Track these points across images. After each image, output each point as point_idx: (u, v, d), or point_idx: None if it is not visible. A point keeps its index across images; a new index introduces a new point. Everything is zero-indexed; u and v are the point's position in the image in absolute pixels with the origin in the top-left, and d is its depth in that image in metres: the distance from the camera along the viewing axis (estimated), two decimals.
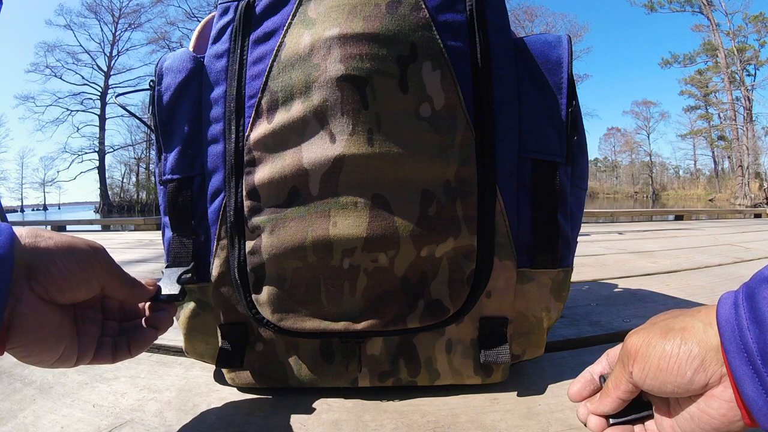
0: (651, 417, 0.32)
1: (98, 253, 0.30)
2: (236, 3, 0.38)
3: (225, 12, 0.39)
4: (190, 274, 0.38)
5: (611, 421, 0.32)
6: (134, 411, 0.38)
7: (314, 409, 0.38)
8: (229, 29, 0.38)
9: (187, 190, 0.39)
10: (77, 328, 0.30)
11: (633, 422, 0.32)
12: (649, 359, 0.28)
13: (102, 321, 0.32)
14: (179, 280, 0.37)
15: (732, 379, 0.25)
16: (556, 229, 0.39)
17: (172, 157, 0.39)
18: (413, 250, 0.35)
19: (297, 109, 0.35)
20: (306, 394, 0.41)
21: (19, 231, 0.27)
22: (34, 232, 0.28)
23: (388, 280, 0.36)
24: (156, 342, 0.53)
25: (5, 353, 0.27)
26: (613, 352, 0.35)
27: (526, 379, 0.43)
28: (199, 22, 0.46)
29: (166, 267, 0.38)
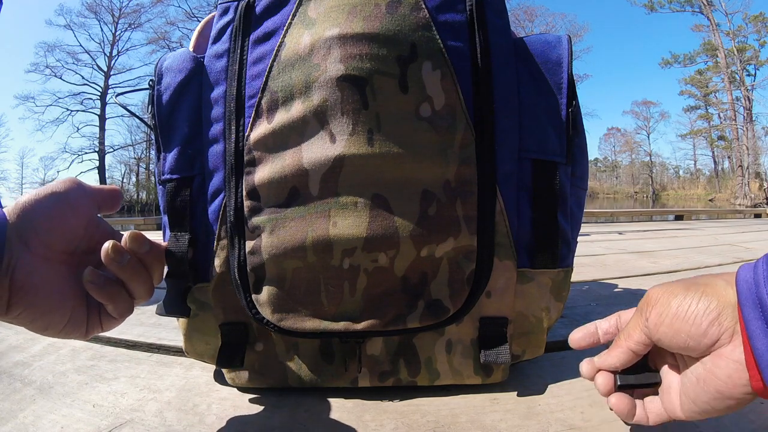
0: (658, 384, 0.32)
1: (74, 182, 0.31)
2: (236, 3, 0.38)
3: (225, 12, 0.39)
4: (191, 286, 0.39)
5: (619, 382, 0.32)
6: (134, 411, 0.38)
7: (314, 409, 0.38)
8: (229, 29, 0.38)
9: (186, 190, 0.39)
10: (88, 294, 0.30)
11: (641, 386, 0.32)
12: (668, 306, 0.28)
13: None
14: (183, 298, 0.38)
15: (744, 332, 0.25)
16: (556, 229, 0.39)
17: (171, 157, 0.39)
18: (413, 250, 0.35)
19: (297, 109, 0.35)
20: (306, 394, 0.41)
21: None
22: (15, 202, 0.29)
23: (388, 280, 0.36)
24: (156, 342, 0.54)
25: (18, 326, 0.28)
26: (626, 315, 0.35)
27: (526, 379, 0.43)
28: (199, 22, 0.46)
29: (167, 277, 0.38)
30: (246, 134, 0.36)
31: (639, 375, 0.32)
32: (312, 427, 0.35)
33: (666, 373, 0.31)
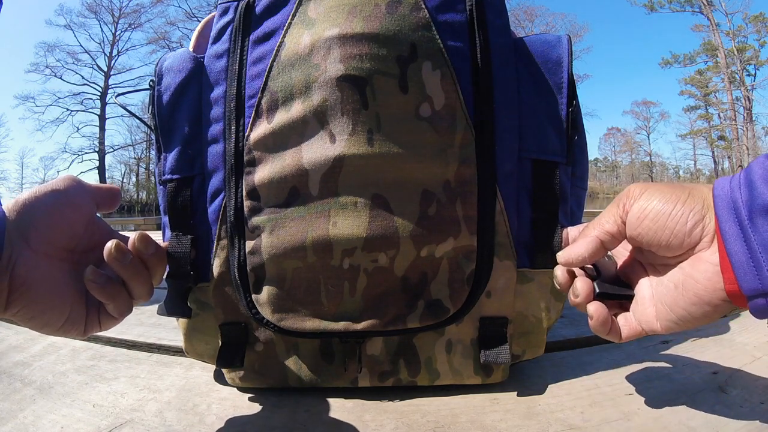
0: (632, 298, 0.32)
1: (74, 179, 0.32)
2: (236, 3, 0.38)
3: (225, 12, 0.39)
4: (192, 286, 0.39)
5: (598, 290, 0.32)
6: (134, 411, 0.38)
7: (314, 409, 0.38)
8: (229, 29, 0.38)
9: (186, 190, 0.39)
10: (87, 292, 0.30)
11: (617, 297, 0.32)
12: (652, 201, 0.28)
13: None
14: (184, 298, 0.39)
15: (719, 233, 0.25)
16: (556, 229, 0.39)
17: (171, 157, 0.39)
18: (413, 250, 0.35)
19: (297, 109, 0.35)
20: (306, 394, 0.41)
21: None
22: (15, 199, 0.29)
23: (388, 280, 0.36)
24: (156, 342, 0.54)
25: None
26: None
27: (526, 379, 0.43)
28: (199, 22, 0.46)
29: (168, 277, 0.38)
30: (246, 134, 0.36)
31: (616, 286, 0.32)
32: (312, 427, 0.35)
33: (638, 287, 0.31)
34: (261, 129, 0.36)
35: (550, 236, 0.39)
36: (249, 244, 0.37)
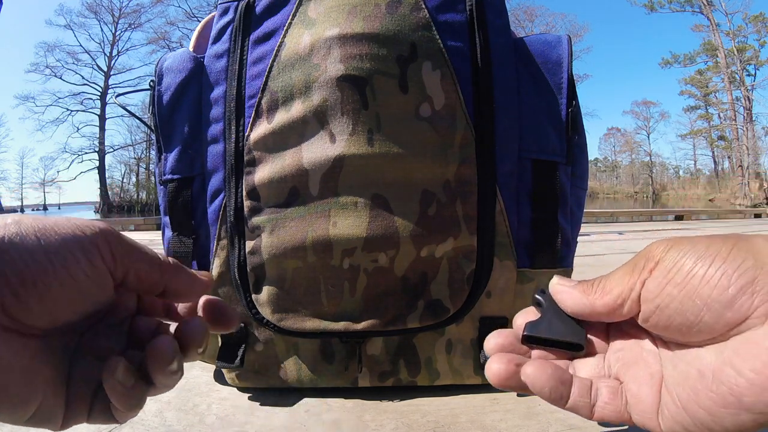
0: (581, 349, 0.22)
1: (110, 233, 0.20)
2: (236, 3, 0.38)
3: (225, 12, 0.39)
4: None
5: (526, 331, 0.22)
6: None
7: (314, 409, 0.38)
8: (229, 29, 0.38)
9: (187, 190, 0.39)
10: (72, 371, 0.19)
11: (555, 345, 0.22)
12: (682, 260, 0.19)
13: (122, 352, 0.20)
14: None
15: None
16: (556, 229, 0.39)
17: (172, 158, 0.39)
18: (413, 250, 0.35)
19: (297, 109, 0.35)
20: (306, 394, 0.41)
21: None
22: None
23: (388, 280, 0.36)
24: None
25: None
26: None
27: None
28: (199, 22, 0.46)
29: None
30: (246, 134, 0.36)
31: (555, 325, 0.21)
32: (312, 427, 0.35)
33: (630, 348, 0.21)
34: (261, 129, 0.36)
35: (550, 236, 0.39)
36: (249, 244, 0.37)
